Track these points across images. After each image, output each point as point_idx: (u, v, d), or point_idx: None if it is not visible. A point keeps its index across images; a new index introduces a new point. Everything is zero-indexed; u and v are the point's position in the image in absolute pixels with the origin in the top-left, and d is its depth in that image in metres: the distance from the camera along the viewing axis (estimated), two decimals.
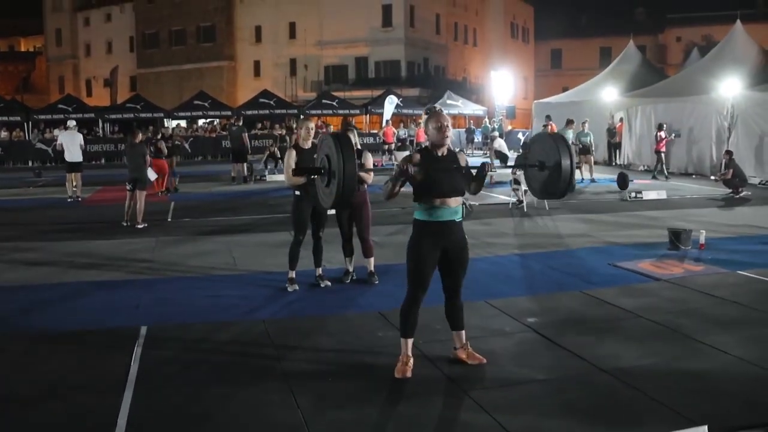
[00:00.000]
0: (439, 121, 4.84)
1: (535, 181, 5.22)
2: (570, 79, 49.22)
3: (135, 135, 12.63)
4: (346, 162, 4.26)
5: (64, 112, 30.92)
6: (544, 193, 5.14)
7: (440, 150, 4.88)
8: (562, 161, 4.85)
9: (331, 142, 4.40)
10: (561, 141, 4.97)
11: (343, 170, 4.25)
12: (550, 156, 4.98)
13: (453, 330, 5.19)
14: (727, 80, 19.36)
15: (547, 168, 4.98)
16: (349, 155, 4.29)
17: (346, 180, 4.27)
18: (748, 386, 4.69)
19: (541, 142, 5.14)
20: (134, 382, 4.84)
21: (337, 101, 37.05)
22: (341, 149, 4.29)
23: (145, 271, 8.58)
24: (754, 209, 13.58)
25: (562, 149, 4.90)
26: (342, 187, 4.28)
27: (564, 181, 4.90)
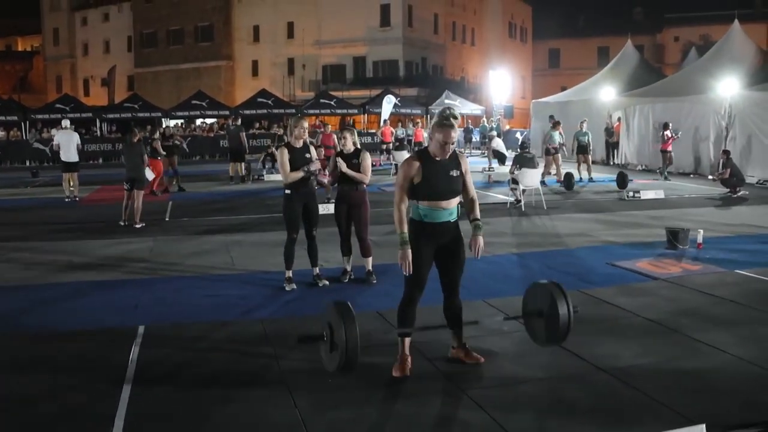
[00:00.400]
0: (446, 138, 4.74)
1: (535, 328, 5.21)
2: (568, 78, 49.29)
3: (133, 134, 12.61)
4: (349, 336, 4.33)
5: (62, 112, 30.87)
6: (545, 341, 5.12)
7: (441, 156, 4.83)
8: (559, 309, 4.85)
9: (335, 311, 4.47)
10: (556, 289, 4.96)
11: (346, 344, 4.32)
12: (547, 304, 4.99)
13: (451, 329, 5.19)
14: (724, 80, 19.38)
15: (545, 316, 4.99)
16: (351, 329, 4.36)
17: (349, 353, 4.35)
18: (746, 385, 4.69)
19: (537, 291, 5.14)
20: (132, 382, 4.84)
21: (335, 101, 37.04)
22: (344, 322, 4.37)
23: (142, 270, 8.57)
24: (751, 208, 13.60)
25: (558, 298, 4.90)
26: (345, 360, 4.37)
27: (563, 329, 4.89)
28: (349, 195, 7.67)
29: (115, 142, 30.76)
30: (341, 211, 7.74)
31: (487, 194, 15.89)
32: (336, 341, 4.44)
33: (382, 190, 16.93)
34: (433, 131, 4.82)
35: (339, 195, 7.81)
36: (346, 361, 4.38)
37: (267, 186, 18.62)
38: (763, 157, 18.21)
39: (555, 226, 11.61)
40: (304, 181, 7.44)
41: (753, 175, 17.92)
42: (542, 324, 5.04)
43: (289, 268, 7.50)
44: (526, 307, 5.23)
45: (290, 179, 7.29)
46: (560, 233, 10.89)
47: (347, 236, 7.79)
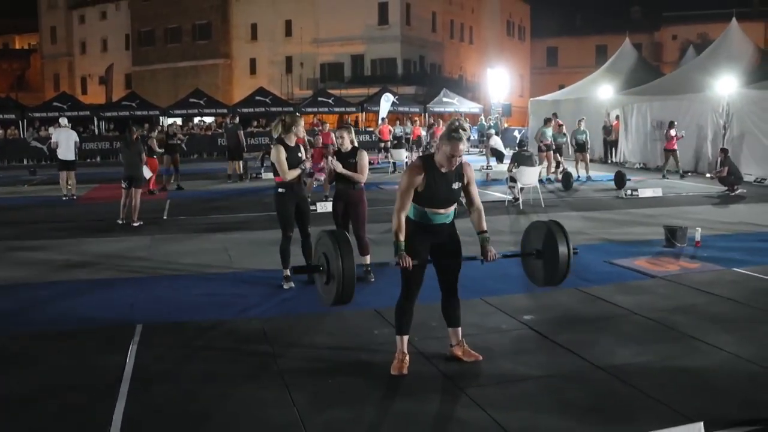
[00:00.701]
0: (453, 151, 4.65)
1: (533, 268, 5.21)
2: (566, 76, 49.25)
3: (132, 133, 12.60)
4: (345, 263, 4.30)
5: (59, 110, 30.81)
6: (543, 281, 5.12)
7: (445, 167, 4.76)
8: (559, 248, 4.85)
9: (329, 240, 4.43)
10: (557, 228, 4.96)
11: (342, 272, 4.29)
12: (546, 244, 4.99)
13: (449, 327, 5.19)
14: (722, 78, 19.38)
15: (544, 256, 4.99)
16: (347, 255, 4.32)
17: (345, 281, 4.31)
18: (744, 383, 4.70)
19: (537, 230, 5.15)
20: (130, 380, 4.83)
21: (333, 99, 37.02)
22: (340, 249, 4.33)
23: (140, 269, 8.56)
24: (749, 206, 13.61)
25: (559, 237, 4.90)
26: (342, 289, 4.33)
27: (561, 269, 4.90)
28: (347, 193, 7.67)
29: (112, 141, 30.72)
30: (338, 209, 7.74)
31: (486, 192, 15.87)
32: (332, 272, 4.40)
33: (381, 189, 16.92)
34: (441, 142, 4.73)
35: (336, 193, 7.80)
36: (342, 292, 4.33)
37: (265, 184, 18.57)
38: (760, 155, 18.22)
39: None
40: (298, 180, 7.46)
41: (750, 173, 17.92)
42: (540, 264, 5.03)
43: (286, 266, 7.50)
44: (525, 246, 5.20)
45: (289, 177, 7.29)
46: None
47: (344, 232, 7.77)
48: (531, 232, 5.22)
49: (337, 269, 4.30)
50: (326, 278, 4.51)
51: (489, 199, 14.61)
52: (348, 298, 4.41)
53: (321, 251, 4.56)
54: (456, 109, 39.38)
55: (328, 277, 4.47)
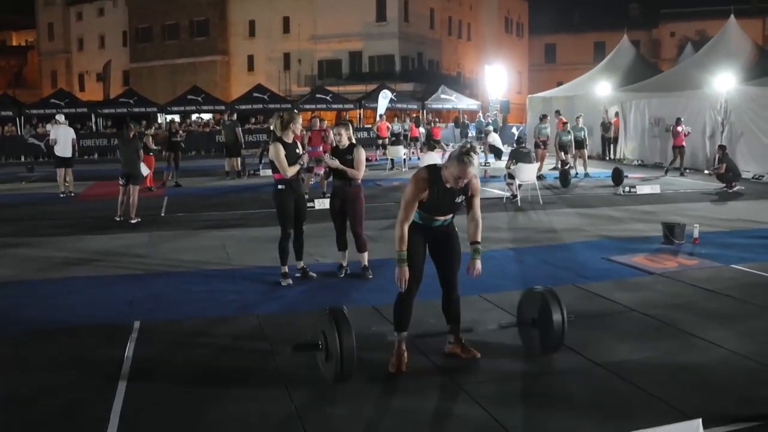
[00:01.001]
0: (461, 174, 4.65)
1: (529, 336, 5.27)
2: (564, 73, 49.21)
3: (130, 130, 12.59)
4: (344, 342, 4.36)
5: (57, 107, 30.73)
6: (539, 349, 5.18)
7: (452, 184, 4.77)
8: (553, 316, 4.93)
9: (328, 319, 4.47)
10: (551, 296, 5.02)
11: (342, 351, 4.35)
12: (540, 312, 5.03)
13: (448, 324, 5.19)
14: (720, 75, 19.38)
15: (539, 324, 5.04)
16: (346, 334, 4.38)
17: (345, 361, 4.37)
18: (742, 379, 4.70)
19: (530, 298, 5.19)
20: (128, 378, 4.82)
21: (331, 96, 36.99)
22: (338, 328, 4.38)
23: (138, 266, 8.54)
24: (747, 203, 13.61)
25: (553, 305, 4.96)
26: (342, 367, 4.40)
27: (557, 336, 4.98)
28: (344, 190, 7.65)
29: (110, 138, 30.68)
30: (335, 206, 7.73)
31: (484, 189, 15.82)
32: (331, 351, 4.43)
33: (378, 185, 16.91)
34: (450, 162, 4.71)
35: (333, 190, 7.79)
36: (342, 371, 4.39)
37: (263, 181, 18.54)
38: (758, 152, 18.23)
39: (551, 221, 11.61)
40: (297, 176, 7.47)
41: (748, 170, 17.94)
42: (536, 332, 5.09)
43: (284, 263, 7.49)
44: (521, 314, 5.29)
45: (289, 173, 7.30)
46: (556, 228, 10.90)
47: (342, 231, 7.78)
48: (525, 300, 5.28)
49: (335, 349, 4.34)
50: (325, 356, 4.54)
51: (487, 196, 14.61)
52: (348, 376, 4.45)
53: (320, 329, 4.60)
54: (454, 106, 39.42)
55: (327, 354, 4.50)
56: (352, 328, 4.45)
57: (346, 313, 4.52)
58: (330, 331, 4.42)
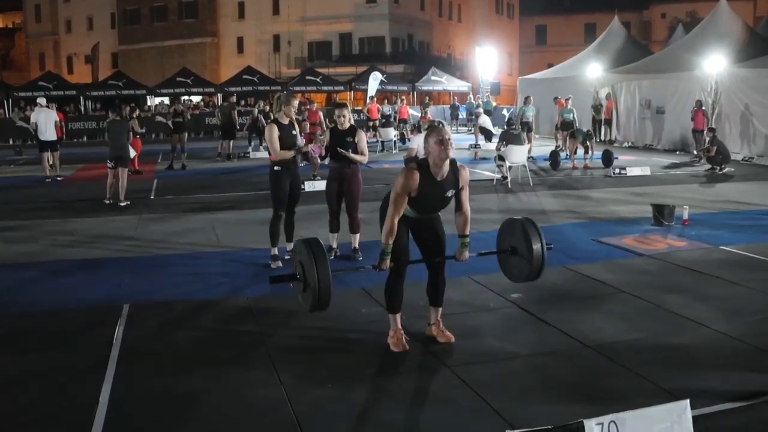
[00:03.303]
0: (440, 134, 4.65)
1: (508, 265, 5.25)
2: (555, 55, 49.08)
3: (122, 112, 12.50)
4: (320, 271, 4.31)
5: (45, 90, 30.52)
6: (518, 277, 5.18)
7: (441, 170, 4.69)
8: (533, 246, 4.90)
9: (304, 248, 4.42)
10: (530, 225, 5.01)
11: (318, 280, 4.31)
12: (521, 241, 5.01)
13: (430, 305, 5.18)
14: (711, 57, 19.36)
15: (519, 253, 5.02)
16: (322, 264, 4.33)
17: (321, 290, 4.33)
18: (730, 360, 4.73)
19: (511, 228, 5.17)
20: (116, 361, 4.81)
21: (321, 78, 36.83)
22: (314, 257, 4.33)
23: (127, 249, 8.50)
24: (736, 185, 13.66)
25: (533, 234, 4.94)
26: (318, 297, 4.35)
27: (536, 265, 4.96)
28: (342, 172, 7.57)
29: (99, 120, 30.42)
30: (333, 188, 7.65)
31: (474, 171, 15.85)
32: (308, 280, 4.41)
33: (369, 167, 16.86)
34: (427, 141, 4.71)
35: (332, 172, 7.67)
36: (318, 300, 4.36)
37: (253, 163, 18.52)
38: (748, 134, 18.27)
39: (541, 203, 11.62)
40: (293, 158, 7.42)
41: (738, 151, 17.99)
42: (516, 261, 5.07)
43: (274, 245, 7.47)
44: (500, 243, 5.26)
45: (280, 156, 7.24)
46: (546, 210, 10.91)
47: (337, 213, 7.73)
48: (505, 230, 5.25)
49: (313, 278, 4.32)
50: (303, 286, 4.52)
51: (478, 178, 14.60)
52: (324, 306, 4.44)
53: (297, 259, 4.57)
54: (444, 88, 39.31)
55: (305, 285, 4.48)
56: (328, 258, 4.42)
57: (322, 243, 4.50)
58: (307, 261, 4.40)
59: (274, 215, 7.46)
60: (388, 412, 4.03)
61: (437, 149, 4.64)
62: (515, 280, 5.29)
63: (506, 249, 5.17)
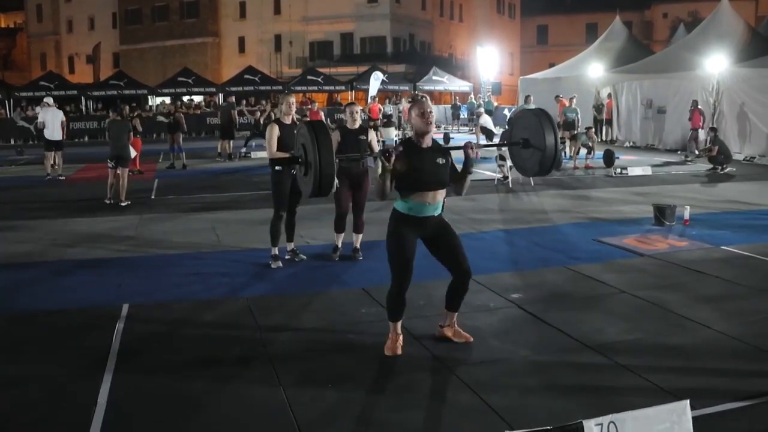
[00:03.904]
0: (422, 107, 4.70)
1: (520, 158, 5.19)
2: (556, 55, 49.11)
3: (123, 111, 12.50)
4: (322, 152, 4.20)
5: (46, 90, 30.50)
6: (530, 170, 5.12)
7: (425, 140, 4.74)
8: (546, 138, 4.81)
9: (306, 131, 4.32)
10: (544, 117, 4.92)
11: (319, 160, 4.20)
12: (533, 133, 4.95)
13: (447, 308, 5.12)
14: (712, 56, 19.34)
15: (532, 145, 4.95)
16: (325, 144, 4.21)
17: (323, 170, 4.22)
18: (730, 360, 4.72)
19: (525, 119, 5.10)
20: (115, 361, 4.80)
21: (323, 77, 36.80)
22: (317, 138, 4.22)
23: (127, 249, 8.50)
24: (737, 185, 13.64)
25: (546, 126, 4.86)
26: (319, 177, 4.24)
27: (548, 158, 4.87)
28: (353, 172, 7.46)
29: (100, 120, 30.41)
30: (345, 188, 7.47)
31: (475, 171, 15.81)
32: (310, 162, 4.33)
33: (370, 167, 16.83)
34: (410, 114, 4.75)
35: (343, 172, 7.37)
36: (320, 184, 4.28)
37: (254, 163, 18.50)
38: (750, 134, 18.25)
39: (542, 203, 11.61)
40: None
41: (740, 151, 17.97)
42: (529, 154, 5.01)
43: (275, 245, 7.45)
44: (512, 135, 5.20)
45: (274, 157, 7.21)
46: (547, 210, 10.89)
47: (345, 215, 7.60)
48: (517, 121, 5.20)
49: (315, 160, 4.21)
50: (305, 169, 4.43)
51: (479, 178, 14.59)
52: (326, 190, 4.33)
53: (300, 142, 4.47)
54: (446, 88, 39.29)
55: (306, 168, 4.39)
56: (332, 142, 4.34)
57: (325, 125, 4.43)
58: (309, 142, 4.31)
59: (275, 215, 7.44)
60: (388, 413, 4.02)
61: (419, 121, 4.70)
62: (527, 174, 5.27)
63: (518, 141, 5.08)
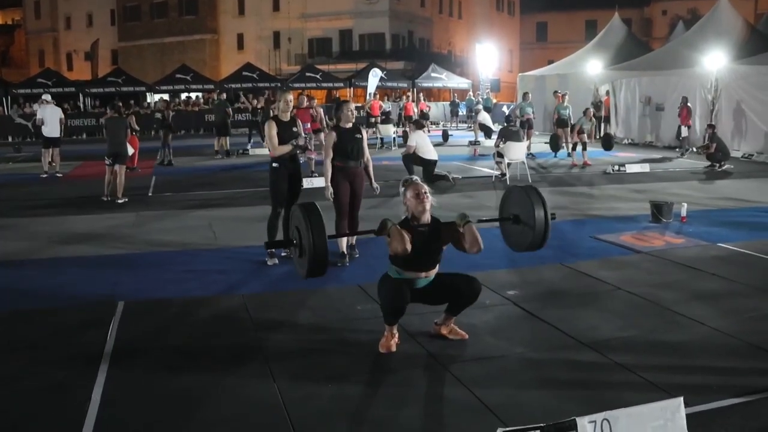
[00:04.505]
0: (416, 189, 4.76)
1: (512, 234, 5.23)
2: (555, 52, 48.99)
3: (120, 109, 12.48)
4: (316, 237, 4.27)
5: (44, 87, 30.43)
6: (522, 246, 5.15)
7: (422, 220, 4.80)
8: (536, 213, 4.87)
9: (300, 213, 4.38)
10: (533, 193, 4.98)
11: (314, 246, 4.27)
12: (523, 209, 4.99)
13: (447, 312, 5.13)
14: (711, 53, 19.33)
15: (522, 222, 5.00)
16: (318, 229, 4.28)
17: (317, 256, 4.29)
18: (725, 358, 4.71)
19: (515, 195, 5.15)
20: (110, 358, 4.79)
21: (321, 74, 36.79)
22: (310, 222, 4.29)
23: (124, 246, 8.49)
24: (735, 182, 13.63)
25: (535, 201, 4.91)
26: (314, 263, 4.32)
27: (539, 233, 4.93)
28: (354, 171, 7.36)
29: (98, 117, 30.37)
30: (346, 189, 7.33)
31: (473, 168, 15.85)
32: (304, 245, 4.37)
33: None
34: (405, 197, 4.84)
35: (343, 171, 7.30)
36: (314, 266, 4.32)
37: (251, 161, 18.49)
38: (748, 131, 18.24)
39: None
40: (292, 154, 7.40)
41: (738, 149, 17.96)
42: (519, 229, 5.04)
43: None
44: (503, 211, 5.24)
45: (278, 152, 7.23)
46: None
47: (345, 215, 7.41)
48: (507, 198, 5.23)
49: (309, 244, 4.27)
50: (299, 252, 4.48)
51: (476, 175, 14.59)
52: (321, 272, 4.41)
53: (294, 225, 4.53)
54: (444, 85, 39.28)
55: (301, 251, 4.44)
56: (324, 223, 4.37)
57: (318, 207, 4.47)
58: (302, 225, 4.35)
59: (273, 211, 7.44)
60: (382, 410, 4.01)
61: (414, 203, 4.79)
62: (518, 249, 5.29)
63: (508, 217, 5.13)
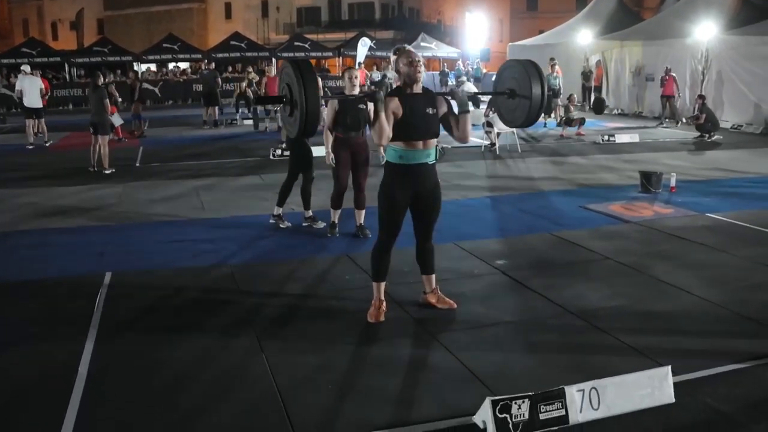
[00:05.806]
0: (410, 56, 4.64)
1: (507, 109, 5.17)
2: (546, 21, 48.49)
3: (97, 78, 12.32)
4: (308, 89, 4.07)
5: (29, 56, 29.96)
6: (516, 121, 5.11)
7: (414, 88, 4.68)
8: (533, 87, 4.78)
9: (291, 69, 4.21)
10: (531, 67, 4.88)
11: (305, 98, 4.07)
12: (520, 83, 4.91)
13: (423, 274, 5.13)
14: (702, 24, 19.22)
15: (519, 95, 4.92)
16: (310, 82, 4.11)
17: (309, 108, 4.09)
18: (712, 327, 4.73)
19: (511, 70, 5.06)
20: (97, 330, 4.76)
21: (310, 44, 36.37)
22: (302, 77, 4.10)
23: (111, 217, 8.42)
24: (724, 153, 13.64)
25: (533, 75, 4.82)
26: (305, 116, 4.11)
27: (535, 107, 4.85)
28: (355, 142, 7.01)
29: (84, 87, 30.03)
30: (346, 160, 7.00)
31: None
32: (295, 101, 4.22)
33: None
34: (398, 65, 4.69)
35: (343, 142, 6.97)
36: (306, 123, 4.15)
37: (240, 131, 18.35)
38: (738, 102, 18.21)
39: (528, 170, 11.58)
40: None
41: (727, 119, 17.95)
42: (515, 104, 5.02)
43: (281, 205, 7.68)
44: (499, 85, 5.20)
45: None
46: (534, 176, 10.87)
47: (345, 190, 7.17)
48: (503, 72, 5.20)
49: (300, 99, 4.11)
50: (290, 109, 4.37)
51: (465, 145, 14.52)
52: (312, 129, 4.21)
53: (284, 81, 4.38)
54: (434, 54, 38.95)
55: (292, 108, 4.33)
56: (317, 79, 4.27)
57: (310, 63, 4.37)
58: (294, 81, 4.19)
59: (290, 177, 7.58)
60: (370, 380, 4.01)
61: (408, 69, 4.64)
62: (509, 125, 5.32)
63: (504, 91, 5.08)
